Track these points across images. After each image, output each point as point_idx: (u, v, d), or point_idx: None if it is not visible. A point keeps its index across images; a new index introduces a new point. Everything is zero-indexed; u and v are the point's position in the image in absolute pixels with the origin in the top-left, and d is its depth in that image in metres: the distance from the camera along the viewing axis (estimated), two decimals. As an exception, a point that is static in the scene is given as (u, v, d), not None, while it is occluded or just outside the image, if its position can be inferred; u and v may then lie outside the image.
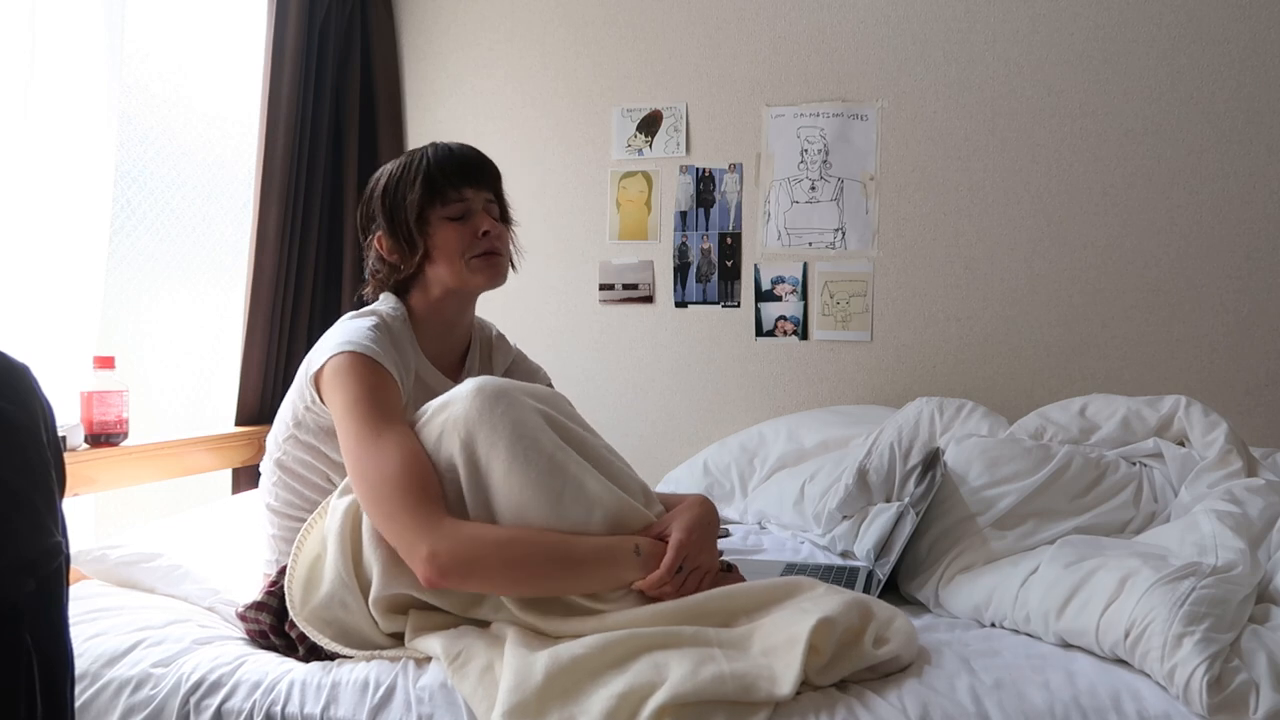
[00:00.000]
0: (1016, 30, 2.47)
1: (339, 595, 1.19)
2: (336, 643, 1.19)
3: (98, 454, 1.78)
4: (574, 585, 1.16)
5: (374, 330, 1.32)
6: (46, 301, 1.74)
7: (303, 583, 1.23)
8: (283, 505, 1.39)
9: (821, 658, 1.07)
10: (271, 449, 1.40)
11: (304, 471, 1.37)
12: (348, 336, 1.30)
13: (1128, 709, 1.04)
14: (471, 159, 1.43)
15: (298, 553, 1.26)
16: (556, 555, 1.15)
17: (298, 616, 1.21)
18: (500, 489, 1.17)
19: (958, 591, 1.40)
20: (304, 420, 1.34)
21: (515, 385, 1.24)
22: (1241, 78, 2.36)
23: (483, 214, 1.42)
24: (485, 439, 1.18)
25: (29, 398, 0.77)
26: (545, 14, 2.73)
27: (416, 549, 1.12)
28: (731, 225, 2.63)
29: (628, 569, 1.17)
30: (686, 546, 1.20)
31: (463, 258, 1.39)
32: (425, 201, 1.38)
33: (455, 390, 1.24)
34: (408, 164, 1.41)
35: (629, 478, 1.28)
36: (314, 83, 2.47)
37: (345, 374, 1.26)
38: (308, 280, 2.48)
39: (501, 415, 1.18)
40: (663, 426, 2.67)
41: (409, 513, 1.14)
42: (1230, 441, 1.63)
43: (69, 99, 1.76)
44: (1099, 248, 2.44)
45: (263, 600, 1.29)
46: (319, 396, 1.30)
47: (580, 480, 1.19)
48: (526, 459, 1.16)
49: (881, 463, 1.91)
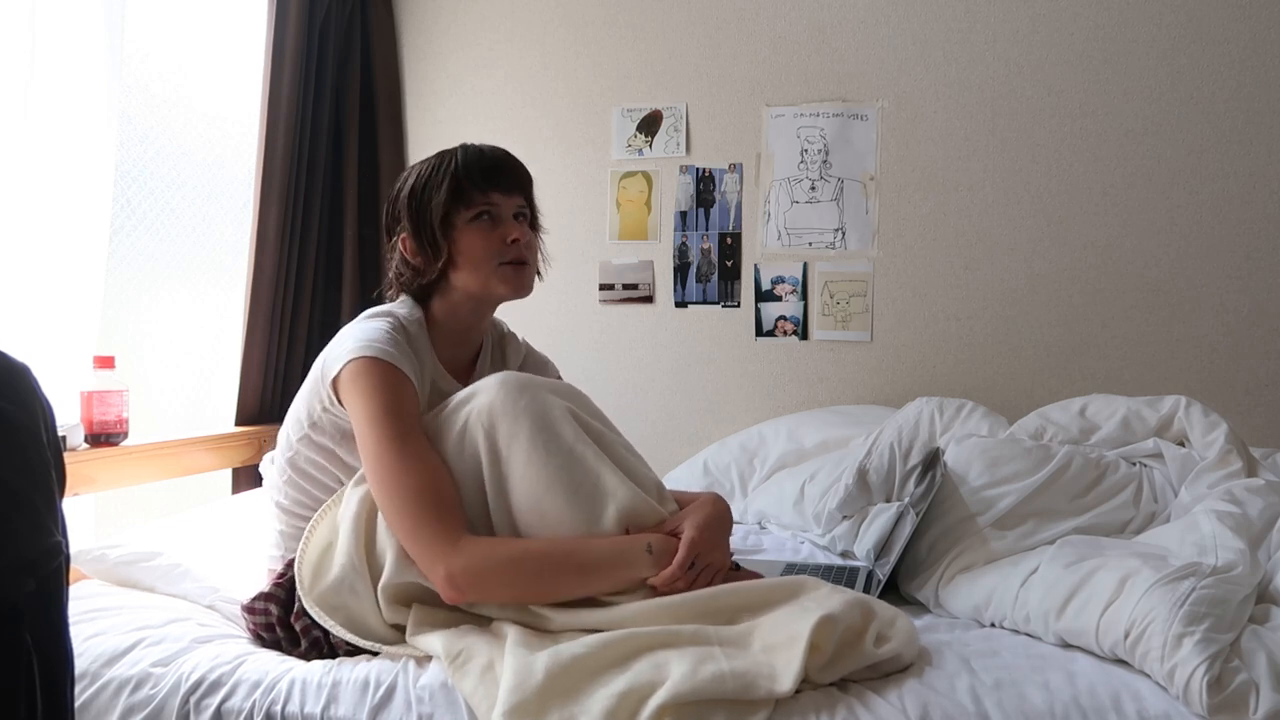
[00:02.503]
0: (1016, 30, 2.47)
1: (349, 580, 1.20)
2: (343, 628, 1.19)
3: (98, 454, 1.78)
4: (588, 588, 1.17)
5: (391, 333, 1.31)
6: (46, 301, 1.74)
7: (313, 568, 1.24)
8: (292, 504, 1.38)
9: (823, 656, 1.07)
10: (283, 447, 1.38)
11: (315, 473, 1.37)
12: (367, 338, 1.28)
13: (1128, 709, 1.04)
14: (501, 161, 1.40)
15: (309, 539, 1.27)
16: (571, 563, 1.16)
17: (307, 598, 1.21)
18: (519, 479, 1.19)
19: (958, 591, 1.40)
20: (320, 421, 1.33)
21: (539, 380, 1.25)
22: (1241, 78, 2.36)
23: (511, 221, 1.39)
24: (507, 429, 1.20)
25: (29, 398, 0.77)
26: (545, 14, 2.74)
27: (435, 568, 1.15)
28: (731, 225, 2.63)
29: (641, 567, 1.18)
30: (699, 544, 1.20)
31: (489, 265, 1.36)
32: (451, 205, 1.35)
33: (480, 383, 1.25)
34: (436, 165, 1.38)
35: (645, 474, 1.29)
36: (314, 83, 2.47)
37: (365, 379, 1.24)
38: (308, 280, 2.48)
39: (525, 407, 1.20)
40: (663, 426, 2.67)
41: (428, 530, 1.16)
42: (1230, 442, 1.63)
43: (69, 99, 1.76)
44: (1099, 248, 2.44)
45: (270, 591, 1.29)
46: (337, 399, 1.28)
47: (598, 474, 1.20)
48: (547, 450, 1.19)
49: (881, 463, 1.91)
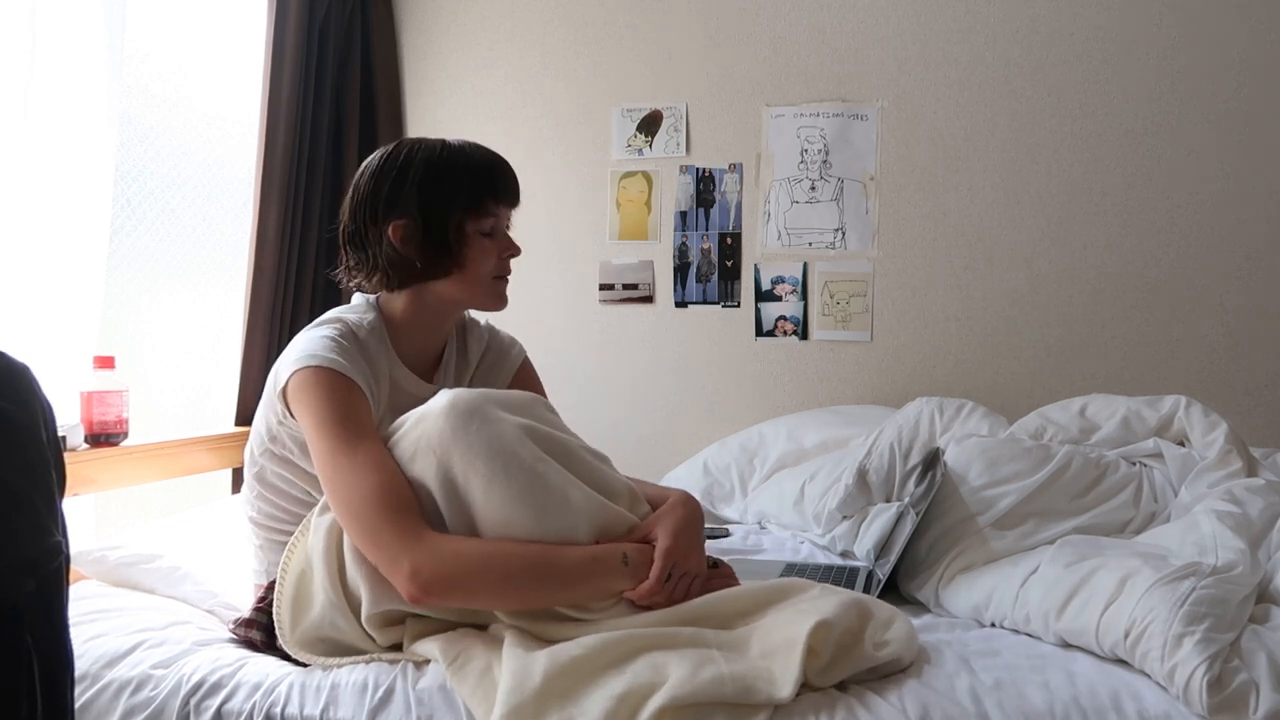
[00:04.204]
0: (1016, 30, 2.47)
1: (329, 617, 1.18)
2: (328, 658, 1.18)
3: (98, 454, 1.78)
4: (562, 597, 1.13)
5: (336, 340, 1.27)
6: (46, 301, 1.74)
7: (290, 602, 1.21)
8: (264, 518, 1.36)
9: (820, 660, 1.07)
10: (249, 462, 1.36)
11: (283, 485, 1.34)
12: (309, 349, 1.24)
13: (1128, 709, 1.04)
14: (513, 175, 1.40)
15: (283, 574, 1.23)
16: (542, 567, 1.12)
17: (287, 644, 1.19)
18: (482, 506, 1.13)
19: (958, 591, 1.40)
20: (278, 435, 1.30)
21: (489, 398, 1.19)
22: (1241, 78, 2.36)
23: (506, 234, 1.40)
24: (461, 457, 1.14)
25: (29, 398, 0.77)
26: (545, 14, 2.73)
27: (399, 566, 1.09)
28: (731, 225, 2.63)
29: (616, 579, 1.15)
30: (674, 554, 1.18)
31: (487, 278, 1.36)
32: (468, 211, 1.34)
33: (427, 406, 1.19)
34: (443, 162, 1.33)
35: (613, 480, 1.25)
36: (314, 83, 2.46)
37: (310, 390, 1.21)
38: (308, 280, 2.48)
39: (476, 432, 1.14)
40: (663, 426, 2.67)
41: (388, 529, 1.11)
42: (1230, 441, 1.63)
43: (69, 99, 1.76)
44: (1099, 248, 2.44)
45: (252, 617, 1.28)
46: (289, 411, 1.26)
47: (563, 491, 1.16)
48: (507, 474, 1.13)
49: (881, 463, 1.91)
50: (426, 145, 1.35)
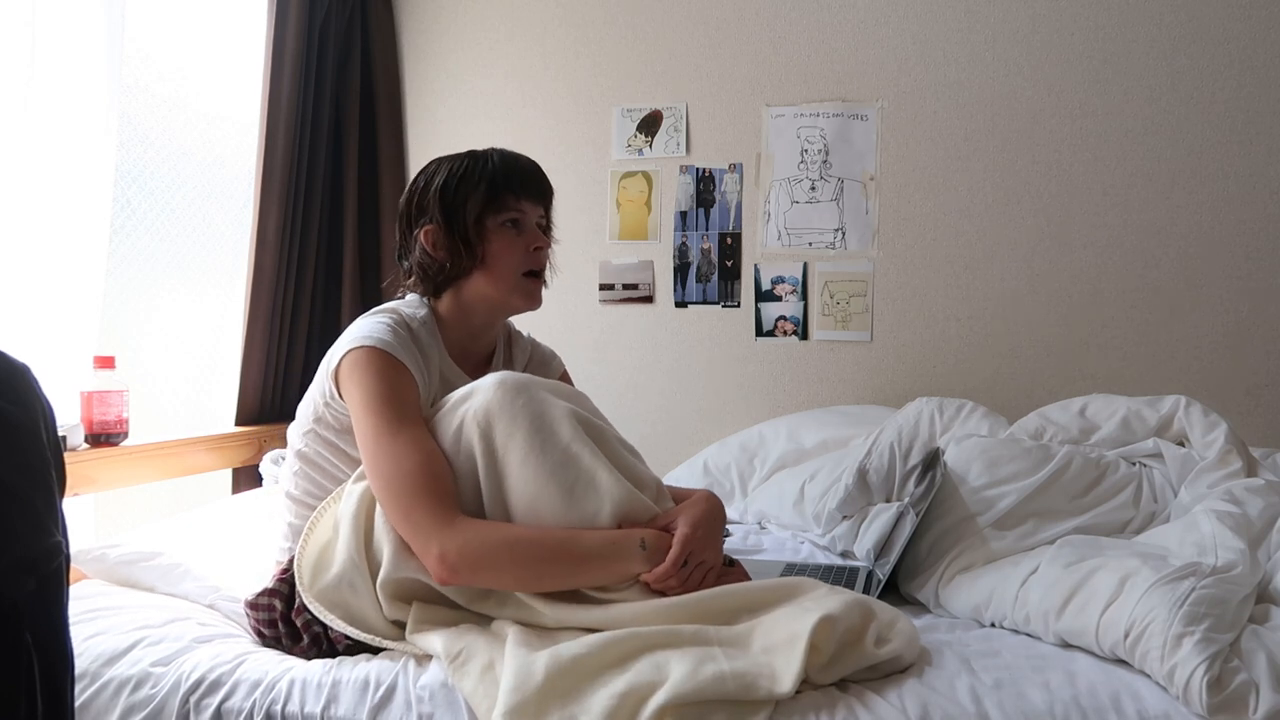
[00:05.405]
0: (1016, 30, 2.47)
1: (348, 576, 1.21)
2: (342, 622, 1.20)
3: (98, 454, 1.79)
4: (581, 580, 1.18)
5: (392, 326, 1.33)
6: (46, 301, 1.74)
7: (312, 564, 1.25)
8: (302, 494, 1.40)
9: (822, 656, 1.08)
10: (293, 440, 1.41)
11: (324, 464, 1.39)
12: (365, 332, 1.31)
13: (1128, 709, 1.04)
14: (535, 171, 1.45)
15: (308, 536, 1.28)
16: (564, 552, 1.17)
17: (306, 594, 1.22)
18: (515, 478, 1.19)
19: (958, 591, 1.40)
20: (323, 416, 1.36)
21: (537, 381, 1.26)
22: (1241, 78, 2.36)
23: (535, 230, 1.44)
24: (504, 429, 1.20)
25: (29, 398, 0.77)
26: (545, 14, 2.74)
27: (429, 548, 1.16)
28: (731, 225, 2.63)
29: (633, 562, 1.19)
30: (692, 541, 1.21)
31: (514, 273, 1.41)
32: (485, 206, 1.39)
33: (478, 382, 1.26)
34: (470, 164, 1.41)
35: (643, 473, 1.30)
36: (314, 83, 2.47)
37: (362, 369, 1.27)
38: (308, 280, 2.48)
39: (522, 407, 1.21)
40: (663, 426, 2.67)
41: (422, 511, 1.17)
42: (1230, 441, 1.63)
43: (69, 99, 1.76)
44: (1099, 248, 2.44)
45: (274, 586, 1.30)
46: (338, 392, 1.31)
47: (593, 472, 1.21)
48: (543, 449, 1.19)
49: (881, 463, 1.91)
50: (453, 155, 1.44)
